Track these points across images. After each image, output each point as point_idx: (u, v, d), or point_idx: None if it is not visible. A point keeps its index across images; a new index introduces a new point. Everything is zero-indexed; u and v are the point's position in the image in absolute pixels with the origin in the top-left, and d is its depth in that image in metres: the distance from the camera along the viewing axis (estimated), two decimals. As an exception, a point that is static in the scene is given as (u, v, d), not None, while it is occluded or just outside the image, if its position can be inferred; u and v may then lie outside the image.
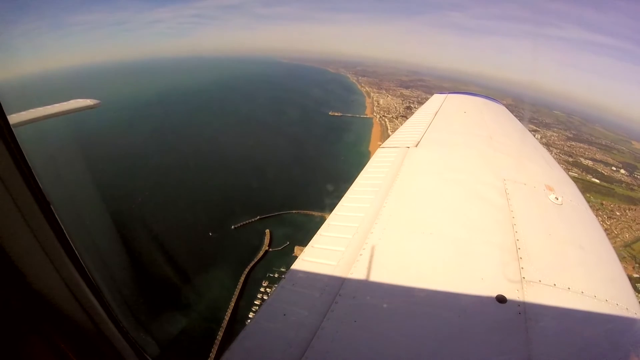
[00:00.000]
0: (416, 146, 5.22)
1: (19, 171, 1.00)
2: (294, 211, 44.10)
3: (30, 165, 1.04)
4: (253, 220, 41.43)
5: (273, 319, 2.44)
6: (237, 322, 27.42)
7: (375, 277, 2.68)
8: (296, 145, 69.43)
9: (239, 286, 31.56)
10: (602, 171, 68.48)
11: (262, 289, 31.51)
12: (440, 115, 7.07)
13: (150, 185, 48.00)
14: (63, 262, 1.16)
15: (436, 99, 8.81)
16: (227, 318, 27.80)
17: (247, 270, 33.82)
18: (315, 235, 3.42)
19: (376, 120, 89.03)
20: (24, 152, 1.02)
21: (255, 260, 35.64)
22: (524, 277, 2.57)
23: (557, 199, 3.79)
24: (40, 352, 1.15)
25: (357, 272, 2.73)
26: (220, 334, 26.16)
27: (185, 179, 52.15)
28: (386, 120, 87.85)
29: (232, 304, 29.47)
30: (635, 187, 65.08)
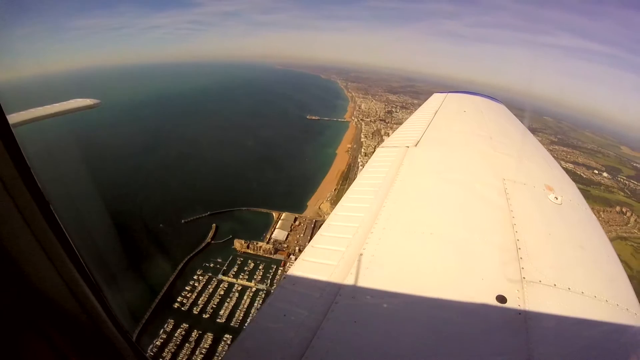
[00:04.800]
0: (416, 146, 5.21)
1: (19, 171, 0.99)
2: (243, 208, 47.55)
3: (29, 164, 1.04)
4: (203, 215, 44.86)
5: (273, 319, 2.44)
6: (167, 304, 31.74)
7: (375, 277, 2.68)
8: (265, 146, 72.99)
9: (175, 273, 34.85)
10: (582, 174, 68.68)
11: (195, 277, 35.22)
12: (440, 115, 7.06)
13: (123, 180, 51.80)
14: (63, 262, 1.16)
15: (436, 98, 8.79)
16: (157, 301, 31.35)
17: (185, 260, 37.01)
18: (316, 235, 3.41)
19: (352, 124, 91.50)
20: (23, 152, 1.01)
21: (195, 251, 38.73)
22: (524, 277, 2.57)
23: (557, 198, 3.79)
24: (39, 351, 1.14)
25: (357, 272, 2.73)
26: (147, 314, 29.56)
27: (153, 175, 56.20)
28: (362, 123, 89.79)
29: (165, 288, 32.95)
30: (615, 190, 65.71)
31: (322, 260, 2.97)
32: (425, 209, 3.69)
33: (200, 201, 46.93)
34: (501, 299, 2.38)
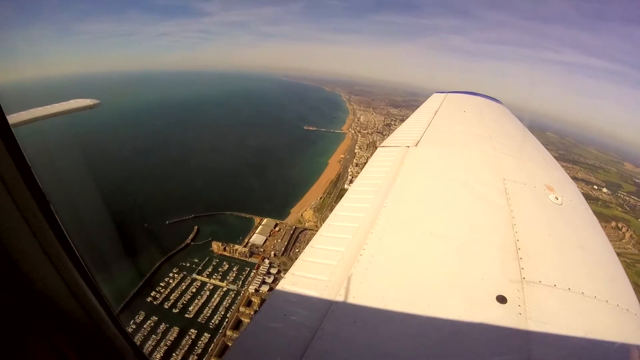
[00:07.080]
0: (416, 145, 5.21)
1: (19, 171, 0.99)
2: (227, 212, 48.71)
3: (30, 164, 1.04)
4: (187, 217, 46.30)
5: (273, 319, 2.44)
6: (140, 298, 33.31)
7: (375, 277, 2.68)
8: (259, 154, 74.70)
9: (151, 271, 36.41)
10: (580, 189, 67.43)
11: (170, 274, 36.95)
12: (440, 115, 7.06)
13: (117, 181, 52.83)
14: (63, 262, 1.16)
15: (436, 98, 8.78)
16: (131, 294, 33.04)
17: (163, 258, 38.46)
18: (315, 236, 3.41)
19: (349, 135, 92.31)
20: (23, 152, 1.01)
21: (174, 251, 40.03)
22: (524, 278, 2.56)
23: (557, 198, 3.78)
24: (40, 352, 1.14)
25: (357, 272, 2.72)
26: (120, 307, 30.17)
27: (147, 178, 58.10)
28: (359, 135, 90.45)
29: (140, 283, 34.64)
30: (613, 205, 65.52)
31: (322, 260, 2.96)
32: (425, 209, 3.69)
33: (188, 204, 48.36)
34: (501, 299, 2.38)
